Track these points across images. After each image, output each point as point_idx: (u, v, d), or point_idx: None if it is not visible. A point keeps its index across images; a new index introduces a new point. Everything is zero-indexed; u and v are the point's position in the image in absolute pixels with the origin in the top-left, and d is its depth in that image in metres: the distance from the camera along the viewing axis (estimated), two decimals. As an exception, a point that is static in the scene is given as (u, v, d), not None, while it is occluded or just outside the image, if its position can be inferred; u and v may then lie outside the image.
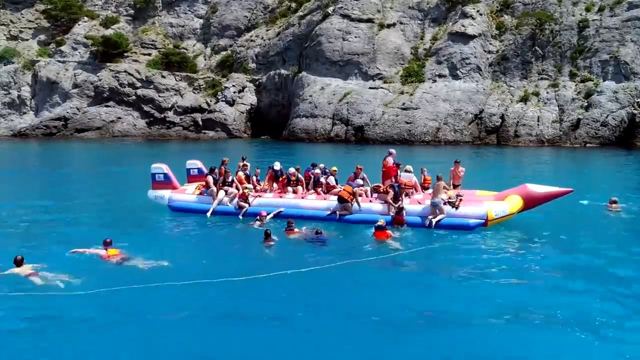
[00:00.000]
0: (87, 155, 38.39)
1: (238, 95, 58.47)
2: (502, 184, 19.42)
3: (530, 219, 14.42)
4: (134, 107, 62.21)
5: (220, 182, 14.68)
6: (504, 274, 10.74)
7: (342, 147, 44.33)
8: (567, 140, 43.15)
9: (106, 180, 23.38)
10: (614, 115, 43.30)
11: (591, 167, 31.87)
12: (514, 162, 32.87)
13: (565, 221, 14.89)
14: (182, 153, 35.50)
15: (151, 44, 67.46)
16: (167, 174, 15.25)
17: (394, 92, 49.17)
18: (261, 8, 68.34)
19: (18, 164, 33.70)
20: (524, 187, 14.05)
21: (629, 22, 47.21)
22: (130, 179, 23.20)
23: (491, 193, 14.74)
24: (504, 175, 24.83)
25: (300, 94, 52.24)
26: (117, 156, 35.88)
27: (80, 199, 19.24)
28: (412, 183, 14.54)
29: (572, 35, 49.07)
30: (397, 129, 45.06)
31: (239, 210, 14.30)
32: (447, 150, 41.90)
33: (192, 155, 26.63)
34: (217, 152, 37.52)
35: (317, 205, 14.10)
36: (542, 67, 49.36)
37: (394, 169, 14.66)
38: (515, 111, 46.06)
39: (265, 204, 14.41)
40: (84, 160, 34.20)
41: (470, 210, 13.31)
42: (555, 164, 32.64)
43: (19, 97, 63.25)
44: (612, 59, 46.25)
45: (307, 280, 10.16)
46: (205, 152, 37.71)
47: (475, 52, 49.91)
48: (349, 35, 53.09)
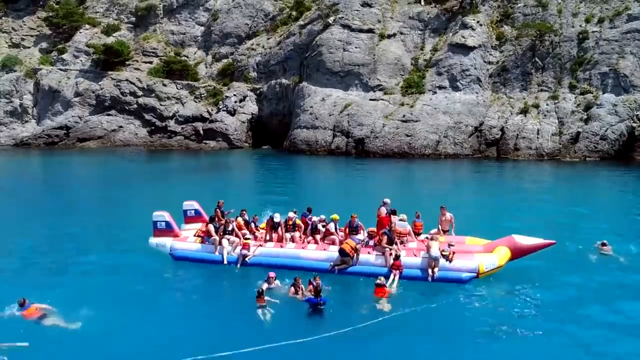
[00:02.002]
0: (87, 172, 38.21)
1: (239, 104, 58.81)
2: (498, 219, 19.87)
3: (522, 265, 14.75)
4: (135, 116, 62.65)
5: (221, 231, 15.06)
6: (504, 331, 11.14)
7: (343, 160, 44.61)
8: (567, 154, 43.39)
9: (106, 213, 22.89)
10: (613, 129, 43.56)
11: (588, 186, 32.03)
12: (513, 181, 32.90)
13: (557, 267, 15.20)
14: (183, 173, 35.87)
15: (152, 51, 67.82)
16: (169, 222, 15.60)
17: (394, 104, 49.46)
18: (262, 16, 68.60)
19: (15, 182, 33.77)
20: (511, 239, 14.42)
21: (629, 34, 47.39)
22: (132, 212, 23.17)
23: (480, 242, 15.11)
24: (501, 205, 24.97)
25: (301, 105, 52.56)
26: (118, 174, 35.90)
27: (77, 241, 18.86)
28: (407, 231, 14.95)
29: (571, 46, 49.29)
30: (398, 142, 45.37)
31: (242, 259, 14.62)
32: (447, 164, 42.24)
33: (193, 175, 26.84)
34: (218, 170, 37.92)
35: (317, 257, 14.43)
36: (541, 79, 49.60)
37: (387, 219, 15.01)
38: (515, 123, 46.33)
39: (266, 254, 14.76)
40: (84, 180, 33.87)
41: (463, 263, 13.70)
42: (553, 183, 32.84)
43: (20, 106, 63.74)
44: (611, 72, 46.47)
45: (300, 354, 10.14)
46: (205, 169, 38.04)
47: (475, 64, 50.17)
48: (349, 46, 53.37)
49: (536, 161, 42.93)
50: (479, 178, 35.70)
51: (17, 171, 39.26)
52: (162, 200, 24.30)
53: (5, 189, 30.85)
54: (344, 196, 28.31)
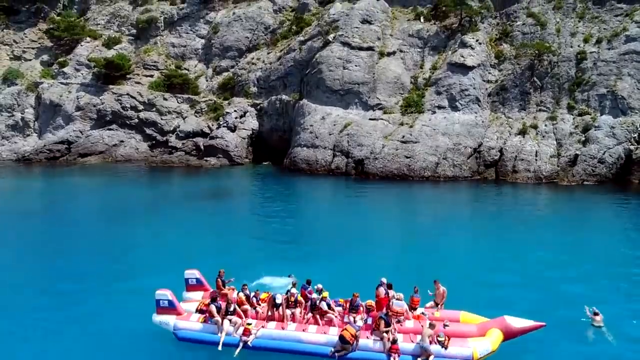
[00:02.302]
0: (85, 200, 37.39)
1: (239, 120, 59.03)
2: (490, 269, 20.17)
3: (515, 344, 15.01)
4: (136, 130, 62.88)
5: (223, 311, 15.32)
6: None
7: (342, 182, 44.82)
8: (565, 177, 43.60)
9: (108, 267, 22.35)
10: (610, 152, 43.81)
11: (584, 222, 32.03)
12: (508, 215, 32.81)
13: (552, 343, 15.47)
14: (181, 202, 35.84)
15: (153, 65, 68.04)
16: (172, 300, 15.83)
17: (393, 124, 49.68)
18: (262, 29, 68.73)
19: (7, 211, 33.78)
20: (503, 321, 14.71)
21: (626, 55, 47.55)
22: (131, 262, 23.03)
23: (475, 320, 15.42)
24: (493, 250, 25.10)
25: (302, 122, 52.80)
26: (116, 203, 35.56)
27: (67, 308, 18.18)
28: (403, 311, 15.26)
29: (570, 67, 49.46)
30: (397, 163, 45.62)
31: (243, 344, 14.85)
32: (446, 188, 42.51)
33: (191, 204, 27.02)
34: (216, 199, 37.99)
35: (318, 340, 14.68)
36: (540, 99, 49.82)
37: (386, 300, 15.33)
38: (513, 145, 46.57)
39: (268, 336, 14.98)
40: (80, 212, 33.25)
41: (458, 350, 14.00)
42: (549, 217, 32.93)
43: (22, 120, 63.99)
44: (609, 93, 46.65)
45: None
46: (204, 196, 37.95)
47: (474, 84, 50.37)
48: (349, 64, 53.55)
49: (534, 184, 43.10)
50: (474, 210, 35.65)
51: (12, 197, 39.00)
52: (160, 248, 24.61)
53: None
54: (342, 232, 28.58)
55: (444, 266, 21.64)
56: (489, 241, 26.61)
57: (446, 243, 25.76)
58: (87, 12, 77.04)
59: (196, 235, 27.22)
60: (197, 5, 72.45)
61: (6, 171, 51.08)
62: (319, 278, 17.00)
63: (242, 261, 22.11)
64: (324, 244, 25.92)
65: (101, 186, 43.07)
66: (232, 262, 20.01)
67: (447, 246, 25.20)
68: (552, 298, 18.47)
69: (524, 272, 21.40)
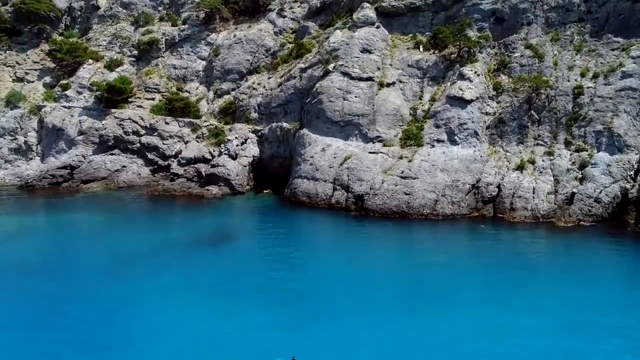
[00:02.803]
0: (84, 247, 37.07)
1: (241, 147, 59.18)
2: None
3: None
4: (138, 155, 63.01)
5: None
6: None
7: (343, 219, 45.05)
8: (562, 217, 43.84)
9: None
10: (606, 191, 44.02)
11: (580, 279, 32.23)
12: (503, 269, 32.94)
13: None
14: (179, 252, 35.64)
15: (154, 87, 68.12)
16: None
17: (393, 157, 49.83)
18: (263, 51, 68.88)
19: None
20: None
21: (622, 91, 47.65)
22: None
23: None
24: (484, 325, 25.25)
25: (302, 153, 52.93)
26: (118, 251, 35.58)
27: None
28: None
29: (567, 101, 49.62)
30: (396, 200, 45.80)
31: None
32: (444, 229, 42.65)
33: (188, 255, 26.77)
34: (215, 244, 37.96)
35: None
36: (538, 132, 49.99)
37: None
38: (511, 181, 46.77)
39: None
40: (77, 266, 32.97)
41: None
42: (544, 271, 33.24)
43: (25, 143, 64.04)
44: (605, 130, 46.82)
45: None
46: (204, 242, 37.67)
47: (472, 117, 50.52)
48: (349, 95, 53.67)
49: (532, 224, 43.30)
50: (469, 260, 35.83)
51: (6, 241, 38.77)
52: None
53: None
54: (343, 291, 28.84)
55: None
56: (480, 309, 26.70)
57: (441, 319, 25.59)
58: (89, 31, 77.05)
59: (190, 300, 27.19)
60: (198, 27, 72.54)
61: (9, 203, 50.80)
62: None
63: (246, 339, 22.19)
64: (326, 308, 26.09)
65: (99, 226, 42.60)
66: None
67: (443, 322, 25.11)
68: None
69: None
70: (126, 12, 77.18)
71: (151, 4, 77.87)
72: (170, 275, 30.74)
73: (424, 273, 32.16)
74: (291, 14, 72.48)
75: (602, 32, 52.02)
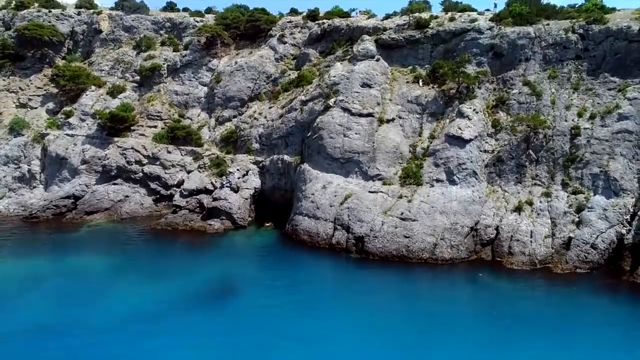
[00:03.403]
0: (79, 304, 36.65)
1: (242, 179, 59.17)
2: None
3: None
4: (140, 184, 62.98)
5: None
6: None
7: (343, 261, 45.24)
8: (559, 263, 43.95)
9: None
10: (603, 236, 44.18)
11: (574, 331, 32.64)
12: (502, 318, 33.43)
13: None
14: (179, 313, 35.47)
15: (157, 115, 68.02)
16: None
17: (392, 197, 49.89)
18: (264, 78, 68.79)
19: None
20: None
21: (619, 134, 47.70)
22: None
23: None
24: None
25: (303, 189, 52.96)
26: (114, 312, 35.70)
27: None
28: None
29: (564, 141, 49.66)
30: (396, 243, 45.87)
31: None
32: (443, 275, 42.89)
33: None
34: (214, 296, 37.88)
35: None
36: (535, 172, 50.06)
37: None
38: (509, 223, 46.84)
39: None
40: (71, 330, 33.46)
41: None
42: (540, 319, 33.53)
43: (29, 172, 63.94)
44: (602, 173, 46.89)
45: None
46: (203, 299, 37.50)
47: (471, 157, 50.54)
48: (349, 132, 53.65)
49: (529, 270, 43.46)
50: (466, 317, 35.90)
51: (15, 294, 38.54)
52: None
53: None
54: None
55: None
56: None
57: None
58: (91, 54, 76.74)
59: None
60: (200, 52, 72.33)
61: (13, 240, 50.48)
62: None
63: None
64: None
65: (103, 275, 41.79)
66: None
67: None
68: None
69: None
70: (128, 36, 76.89)
71: (153, 27, 77.56)
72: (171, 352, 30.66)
73: (421, 341, 32.19)
74: (292, 39, 72.35)
75: (598, 71, 52.03)
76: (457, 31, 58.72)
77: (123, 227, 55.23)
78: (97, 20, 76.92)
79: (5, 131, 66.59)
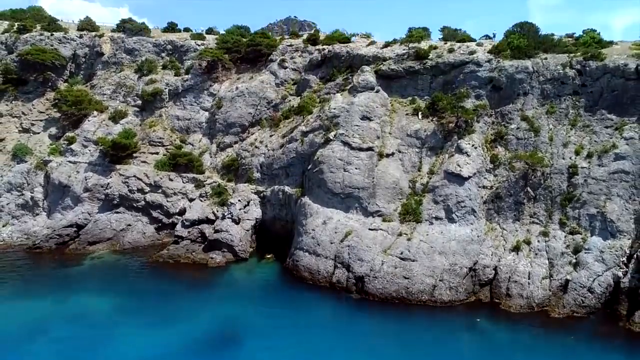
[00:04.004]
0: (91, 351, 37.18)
1: (244, 210, 59.01)
2: None
3: None
4: (143, 213, 62.78)
5: None
6: None
7: (344, 302, 45.16)
8: (556, 307, 43.85)
9: None
10: (599, 280, 44.09)
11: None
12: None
13: None
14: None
15: (159, 141, 67.78)
16: None
17: (392, 234, 49.76)
18: (265, 103, 68.58)
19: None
20: None
21: (615, 174, 47.49)
22: None
23: None
24: None
25: (304, 224, 52.80)
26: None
27: None
28: None
29: (562, 180, 49.51)
30: (396, 285, 45.74)
31: None
32: (442, 316, 42.80)
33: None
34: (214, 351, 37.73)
35: None
36: (533, 210, 49.91)
37: None
38: (507, 264, 46.72)
39: None
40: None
41: None
42: None
43: (32, 199, 63.70)
44: (599, 214, 46.76)
45: None
46: (206, 348, 37.48)
47: (470, 194, 50.36)
48: (349, 166, 53.46)
49: (527, 313, 43.37)
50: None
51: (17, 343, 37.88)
52: None
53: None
54: None
55: None
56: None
57: None
58: (93, 77, 76.38)
59: None
60: (201, 76, 72.10)
61: (16, 276, 50.13)
62: None
63: None
64: None
65: (105, 319, 41.21)
66: None
67: None
68: None
69: None
70: (130, 58, 76.47)
71: (154, 49, 77.16)
72: None
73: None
74: (292, 64, 72.03)
75: (596, 107, 51.88)
76: (456, 63, 58.56)
77: (125, 260, 55.00)
78: (99, 43, 76.50)
79: (8, 157, 66.36)
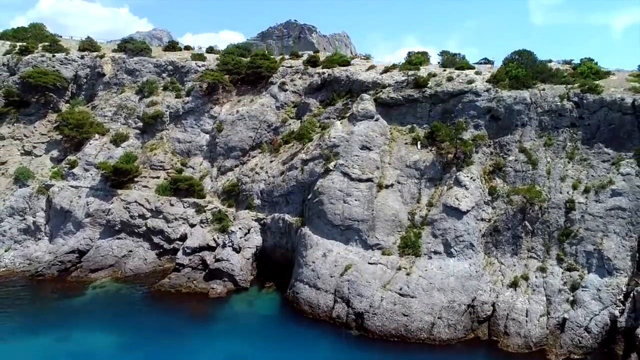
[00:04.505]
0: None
1: (244, 238, 58.90)
2: None
3: None
4: (144, 238, 62.58)
5: None
6: None
7: (343, 339, 45.11)
8: (554, 347, 43.80)
9: None
10: (596, 319, 44.06)
11: None
12: None
13: None
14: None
15: (159, 165, 67.53)
16: None
17: (391, 268, 49.66)
18: (265, 127, 68.44)
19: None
20: None
21: (612, 211, 47.44)
22: None
23: None
24: None
25: (304, 255, 52.67)
26: None
27: None
28: None
29: (559, 215, 49.43)
30: (395, 322, 45.70)
31: None
32: (441, 356, 42.83)
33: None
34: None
35: None
36: (531, 244, 49.88)
37: None
38: (505, 300, 46.68)
39: None
40: None
41: None
42: None
43: (34, 224, 63.45)
44: (596, 252, 46.69)
45: None
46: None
47: (468, 229, 50.25)
48: (349, 197, 53.32)
49: (525, 355, 43.35)
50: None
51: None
52: None
53: None
54: None
55: None
56: None
57: None
58: (94, 98, 76.05)
59: None
60: (201, 99, 71.84)
61: (16, 310, 49.87)
62: None
63: None
64: None
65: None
66: None
67: None
68: None
69: None
70: (131, 79, 76.16)
71: (155, 70, 76.88)
72: None
73: None
74: (292, 86, 71.84)
75: (593, 140, 51.76)
76: (455, 92, 58.41)
77: (127, 290, 54.78)
78: (100, 63, 76.18)
79: (10, 181, 66.09)
